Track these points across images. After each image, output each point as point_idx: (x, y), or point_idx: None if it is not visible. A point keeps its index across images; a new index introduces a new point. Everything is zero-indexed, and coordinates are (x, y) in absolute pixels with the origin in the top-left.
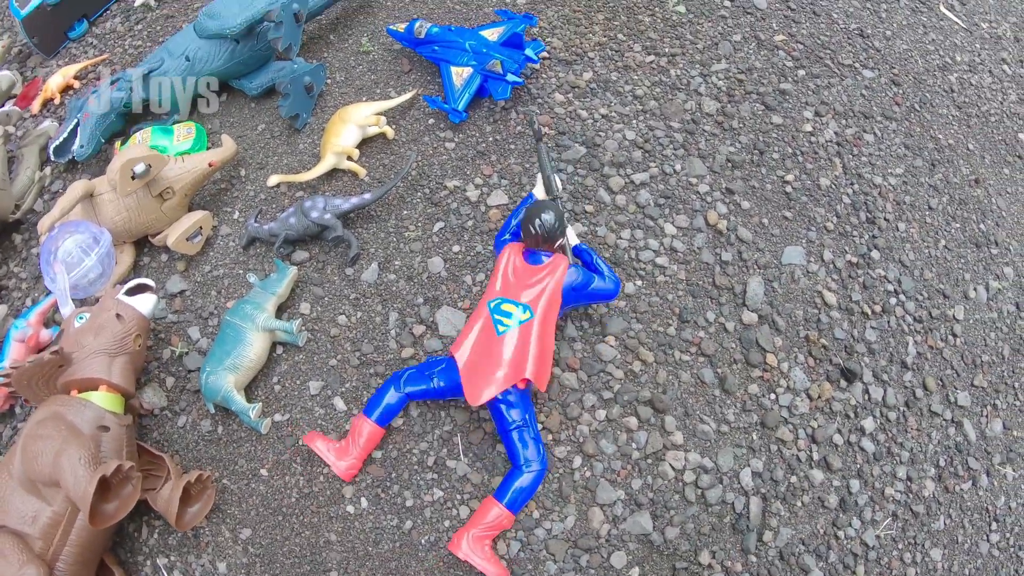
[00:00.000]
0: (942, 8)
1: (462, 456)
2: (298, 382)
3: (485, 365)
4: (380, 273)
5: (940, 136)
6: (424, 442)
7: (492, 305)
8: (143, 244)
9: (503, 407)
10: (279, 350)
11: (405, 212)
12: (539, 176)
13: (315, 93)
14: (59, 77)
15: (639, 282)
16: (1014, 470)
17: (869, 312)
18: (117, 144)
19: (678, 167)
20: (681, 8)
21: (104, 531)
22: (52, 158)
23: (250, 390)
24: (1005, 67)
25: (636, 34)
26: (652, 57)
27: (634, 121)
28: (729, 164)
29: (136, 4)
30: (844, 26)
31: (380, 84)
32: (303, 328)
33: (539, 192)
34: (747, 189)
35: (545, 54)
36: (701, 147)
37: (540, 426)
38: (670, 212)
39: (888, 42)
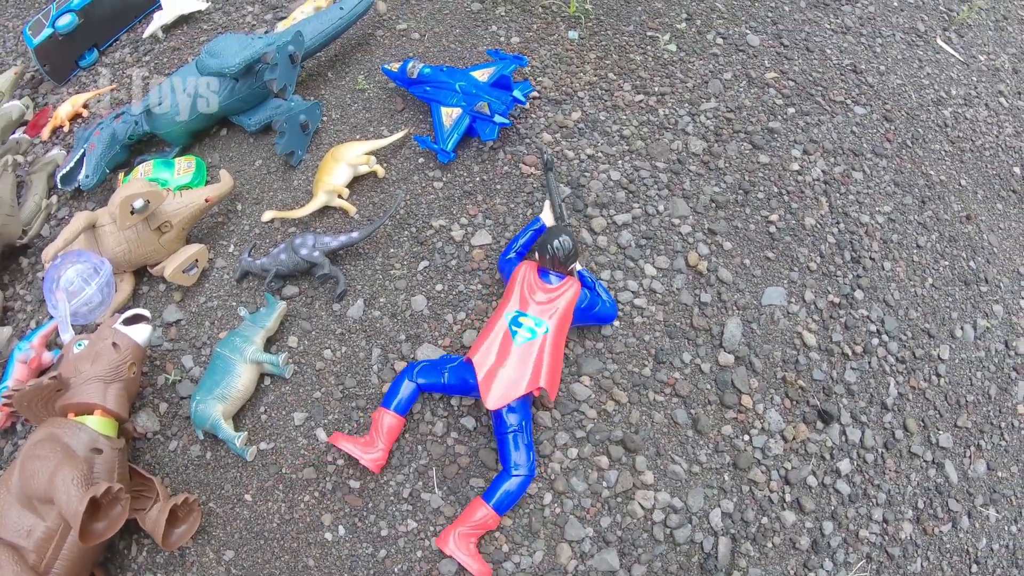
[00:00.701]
0: (939, 41)
1: (436, 489)
2: (283, 412)
3: (504, 371)
4: (365, 309)
5: (932, 172)
6: (401, 474)
7: (510, 317)
8: (142, 273)
9: (504, 411)
10: (267, 381)
11: (392, 250)
12: (547, 202)
13: (311, 131)
14: (68, 105)
15: (616, 323)
16: (997, 511)
17: (850, 353)
18: (120, 175)
19: (661, 208)
20: (672, 47)
21: (94, 547)
22: (59, 186)
23: (238, 418)
24: (1002, 99)
25: (627, 73)
26: (641, 96)
27: (620, 161)
28: (713, 204)
29: (144, 36)
30: (837, 62)
31: (374, 122)
32: (289, 361)
33: (546, 218)
34: (730, 229)
35: (535, 94)
36: (685, 187)
37: None
38: (651, 253)
39: (882, 77)
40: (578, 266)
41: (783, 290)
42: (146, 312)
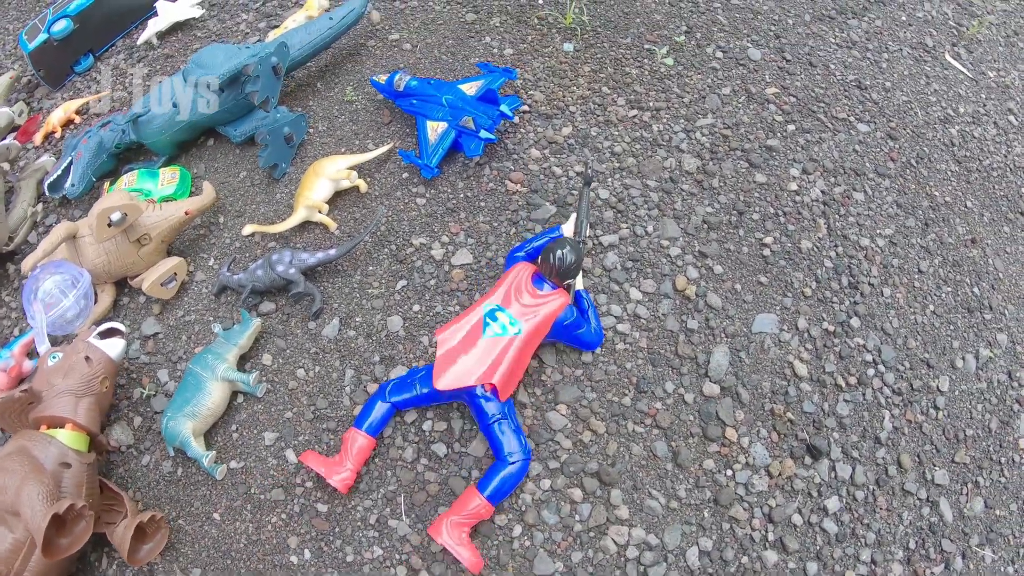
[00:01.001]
0: (947, 57)
1: (404, 516)
2: (255, 431)
3: (464, 358)
4: (341, 328)
5: (936, 193)
6: (369, 499)
7: (488, 309)
8: (124, 284)
9: (481, 401)
10: (240, 399)
11: (371, 268)
12: (573, 215)
13: (295, 143)
14: (60, 111)
15: (598, 350)
16: (994, 552)
17: (843, 384)
18: (106, 184)
19: (650, 228)
20: (669, 60)
21: (61, 560)
22: (47, 193)
23: (210, 436)
24: (1011, 118)
25: (621, 87)
26: (635, 112)
27: (610, 179)
28: (705, 226)
29: (139, 42)
30: (841, 77)
31: (360, 135)
32: (262, 380)
33: (567, 230)
34: (722, 252)
35: (525, 108)
36: (677, 207)
37: None
38: (637, 276)
39: (887, 94)
40: (579, 285)
41: (775, 317)
42: (121, 326)
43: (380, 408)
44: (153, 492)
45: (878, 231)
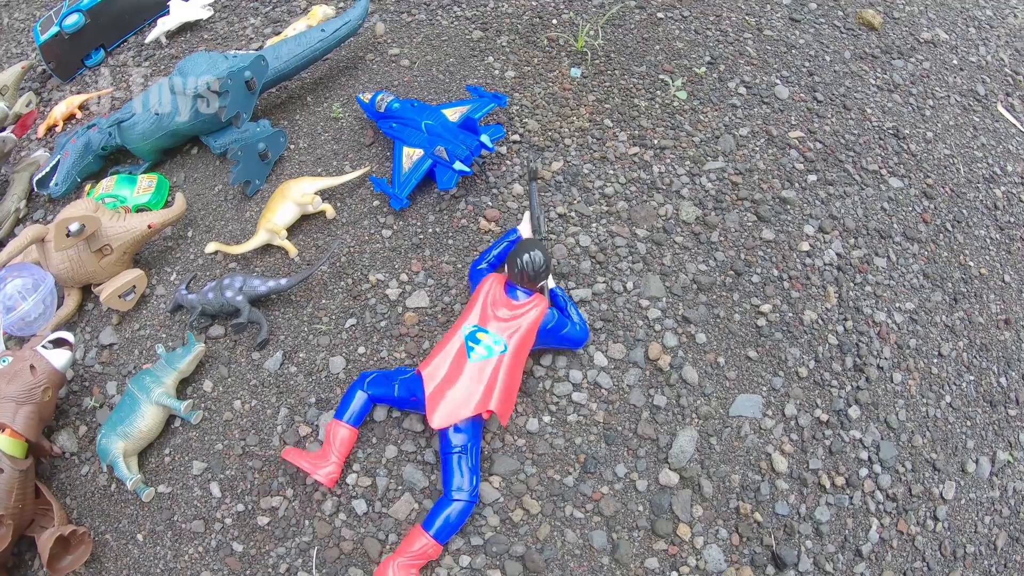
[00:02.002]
0: (1000, 108)
1: (314, 571)
2: (186, 458)
3: (454, 390)
4: (283, 363)
5: (971, 263)
6: (283, 547)
7: (467, 331)
8: (90, 290)
9: (450, 430)
10: (177, 422)
11: (324, 301)
12: (527, 214)
13: (271, 160)
14: (63, 105)
15: (546, 418)
16: None
17: (828, 484)
18: (87, 186)
19: (630, 285)
20: (683, 94)
21: None
22: (35, 189)
23: (145, 455)
24: None
25: (626, 120)
26: (636, 149)
27: (594, 224)
28: (694, 286)
29: (147, 40)
30: (877, 124)
31: (340, 155)
32: (197, 407)
33: (524, 229)
34: (709, 319)
35: (517, 137)
36: (665, 262)
37: None
38: (606, 339)
39: (927, 146)
40: (551, 282)
41: (759, 399)
42: (70, 337)
43: (359, 398)
44: (87, 503)
45: (898, 305)
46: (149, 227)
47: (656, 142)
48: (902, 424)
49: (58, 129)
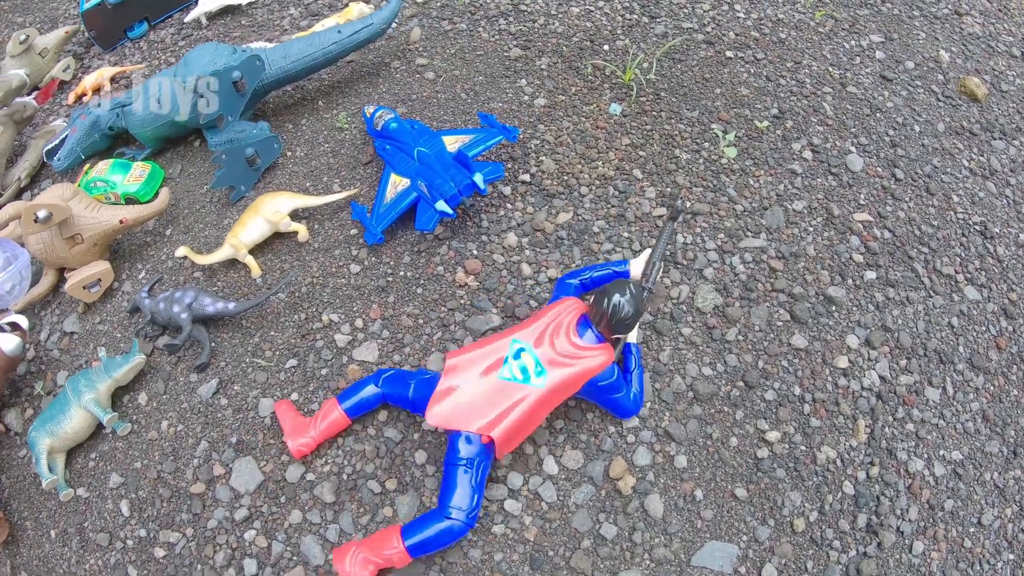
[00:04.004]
0: None
1: None
2: (107, 468)
3: (464, 396)
4: (216, 393)
5: None
6: None
7: (515, 346)
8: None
9: (461, 439)
10: (109, 429)
11: (273, 333)
12: (648, 251)
13: (260, 166)
14: (94, 76)
15: (477, 524)
16: None
17: None
18: (86, 166)
19: None
20: (732, 151)
21: None
22: (45, 159)
23: (74, 454)
24: None
25: (660, 173)
26: (663, 211)
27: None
28: (690, 393)
29: (187, 20)
30: (963, 216)
31: (333, 171)
32: (127, 419)
33: (636, 268)
34: (698, 438)
35: (527, 177)
36: (661, 358)
37: None
38: (564, 442)
39: (1018, 251)
40: (633, 336)
41: (734, 551)
42: (24, 322)
43: (369, 391)
44: (19, 485)
45: (942, 452)
46: (121, 222)
47: (689, 205)
48: None
49: (86, 99)
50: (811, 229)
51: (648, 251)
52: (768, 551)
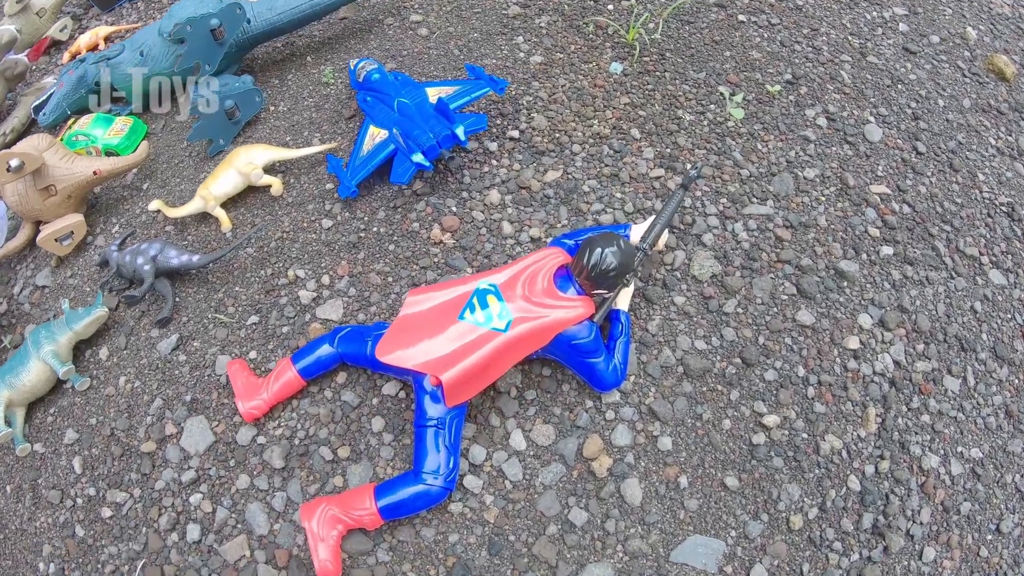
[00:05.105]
0: None
1: None
2: (63, 423)
3: (418, 334)
4: (175, 349)
5: None
6: (115, 547)
7: (481, 287)
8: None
9: (426, 397)
10: (68, 383)
11: (237, 288)
12: (653, 217)
13: (240, 119)
14: (89, 35)
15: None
16: None
17: None
18: (70, 121)
19: None
20: (739, 112)
21: None
22: (33, 115)
23: (34, 408)
24: None
25: (659, 134)
26: (661, 172)
27: None
28: (679, 368)
29: None
30: (988, 196)
31: (315, 125)
32: (86, 374)
33: (636, 232)
34: (686, 418)
35: (516, 133)
36: (650, 328)
37: None
38: (535, 415)
39: None
40: (623, 303)
41: (720, 547)
42: None
43: (324, 351)
44: None
45: (960, 449)
46: (95, 173)
47: (690, 167)
48: None
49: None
50: (823, 199)
51: (653, 217)
52: (759, 549)
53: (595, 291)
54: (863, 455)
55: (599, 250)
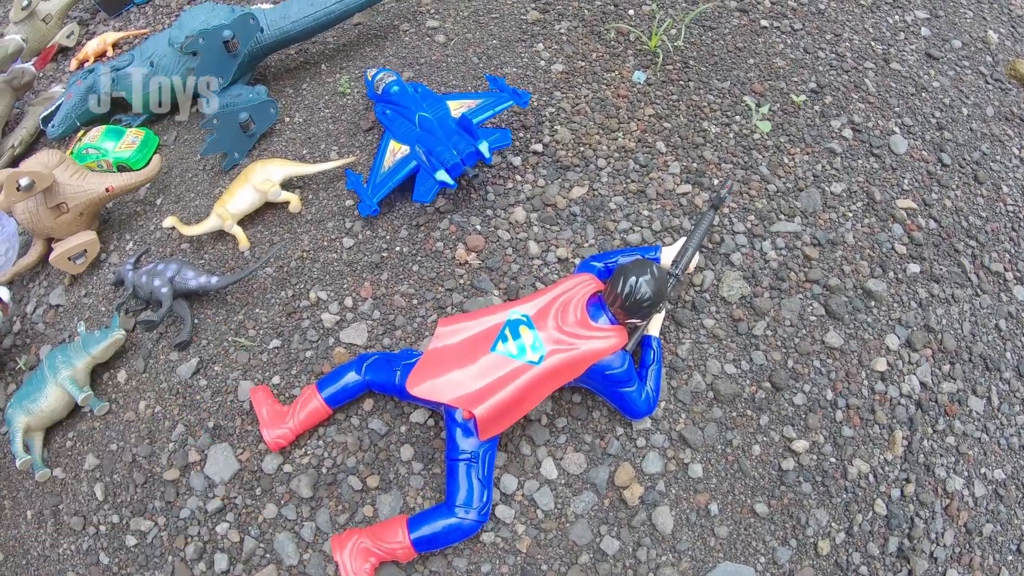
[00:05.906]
0: None
1: None
2: (84, 448)
3: (453, 364)
4: (196, 373)
5: None
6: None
7: (512, 317)
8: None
9: (458, 430)
10: (88, 408)
11: (258, 310)
12: (684, 239)
13: (255, 132)
14: (97, 41)
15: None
16: None
17: None
18: (80, 134)
19: None
20: (766, 125)
21: None
22: (41, 126)
23: (52, 432)
24: None
25: (685, 147)
26: (688, 188)
27: None
28: (710, 394)
29: None
30: (1013, 208)
31: (332, 137)
32: (106, 398)
33: (667, 255)
34: (716, 444)
35: (539, 147)
36: (680, 352)
37: None
38: (565, 443)
39: None
40: (654, 330)
41: (751, 573)
42: (6, 296)
43: (350, 378)
44: (0, 463)
45: (984, 470)
46: (107, 190)
47: (717, 182)
48: None
49: (88, 64)
50: (850, 215)
51: (683, 239)
52: (788, 575)
53: (628, 320)
54: (889, 479)
55: (633, 279)
